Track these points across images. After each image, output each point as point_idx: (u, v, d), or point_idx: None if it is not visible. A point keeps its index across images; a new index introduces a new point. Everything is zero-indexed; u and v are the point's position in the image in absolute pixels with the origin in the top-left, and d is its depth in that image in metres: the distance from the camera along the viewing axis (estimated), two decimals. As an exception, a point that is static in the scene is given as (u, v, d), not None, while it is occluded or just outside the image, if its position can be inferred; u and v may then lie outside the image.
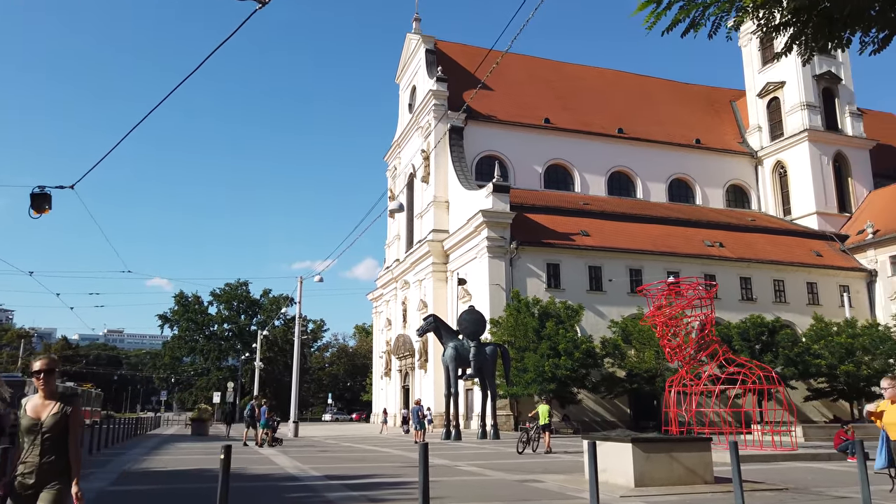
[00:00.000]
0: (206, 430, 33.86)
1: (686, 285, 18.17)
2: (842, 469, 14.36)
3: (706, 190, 53.38)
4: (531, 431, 20.73)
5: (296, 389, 33.87)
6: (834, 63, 54.01)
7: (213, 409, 73.82)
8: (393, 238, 58.07)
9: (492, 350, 28.62)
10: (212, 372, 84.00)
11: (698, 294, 18.04)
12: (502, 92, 52.50)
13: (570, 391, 34.07)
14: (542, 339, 33.30)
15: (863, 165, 52.96)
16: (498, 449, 21.34)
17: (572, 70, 57.83)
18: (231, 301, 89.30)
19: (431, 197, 47.26)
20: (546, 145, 50.35)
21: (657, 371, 34.64)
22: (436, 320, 28.74)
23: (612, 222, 43.67)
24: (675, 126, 55.42)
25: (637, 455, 10.36)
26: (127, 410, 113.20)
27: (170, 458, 17.21)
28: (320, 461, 15.92)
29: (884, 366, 37.20)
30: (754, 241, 45.89)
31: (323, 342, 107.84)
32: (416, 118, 51.44)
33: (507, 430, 36.38)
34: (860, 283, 45.78)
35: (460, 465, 14.65)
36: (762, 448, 17.20)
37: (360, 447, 22.78)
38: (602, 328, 37.98)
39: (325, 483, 11.25)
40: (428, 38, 51.97)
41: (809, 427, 23.88)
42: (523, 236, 39.58)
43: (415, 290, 49.02)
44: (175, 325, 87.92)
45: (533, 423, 21.06)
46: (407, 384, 50.07)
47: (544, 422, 21.04)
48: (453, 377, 28.05)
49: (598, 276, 40.36)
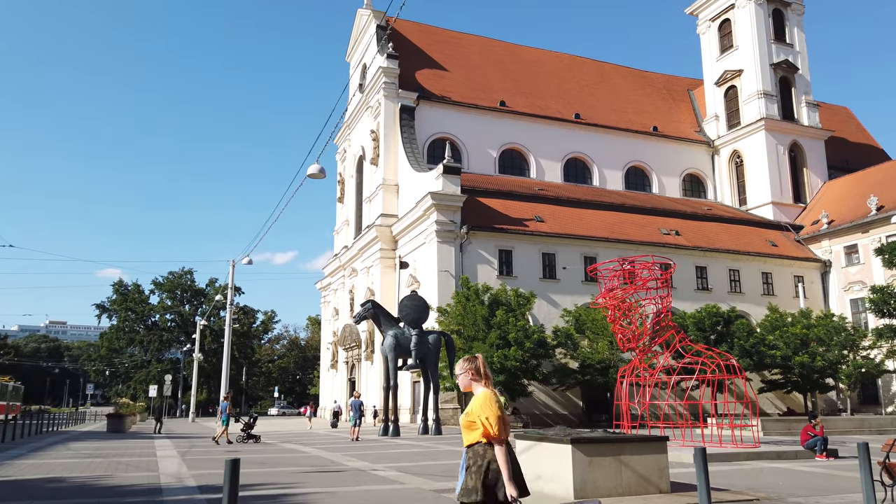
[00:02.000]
0: (125, 427, 30.93)
1: (641, 264, 16.35)
2: (815, 470, 12.72)
3: (663, 178, 52.35)
4: None
5: (226, 380, 31.23)
6: (791, 52, 53.51)
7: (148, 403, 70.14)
8: (342, 224, 55.53)
9: (435, 339, 26.49)
10: (152, 364, 79.89)
11: (654, 275, 16.26)
12: (457, 73, 50.40)
13: (521, 383, 32.28)
14: (492, 328, 31.42)
15: (818, 156, 52.65)
16: (434, 447, 19.27)
17: (528, 53, 56.05)
18: (174, 290, 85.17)
19: (380, 180, 44.90)
20: (501, 129, 48.47)
21: (611, 362, 33.14)
22: (374, 306, 26.46)
23: (568, 208, 42.10)
24: (632, 113, 54.22)
25: (578, 459, 8.38)
26: (68, 405, 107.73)
27: (36, 462, 14.58)
28: (213, 465, 13.56)
29: (838, 357, 36.54)
30: (710, 231, 44.97)
31: (273, 334, 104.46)
32: (365, 98, 48.92)
33: (454, 424, 34.44)
34: (814, 273, 45.29)
35: (378, 470, 12.50)
36: (721, 444, 15.55)
37: (279, 446, 20.43)
38: (555, 317, 36.34)
39: (187, 498, 8.94)
40: (379, 13, 49.44)
41: (767, 420, 22.51)
42: (475, 221, 37.60)
43: (363, 277, 46.67)
44: (113, 315, 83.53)
45: None
46: (353, 377, 47.73)
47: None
48: (392, 368, 25.85)
49: (552, 264, 38.70)
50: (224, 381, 31.36)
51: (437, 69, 49.72)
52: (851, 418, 30.83)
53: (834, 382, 38.41)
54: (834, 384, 38.75)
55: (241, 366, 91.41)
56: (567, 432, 8.90)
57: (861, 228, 43.15)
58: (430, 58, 50.27)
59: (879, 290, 32.47)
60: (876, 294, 32.33)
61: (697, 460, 5.33)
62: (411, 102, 45.69)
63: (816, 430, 14.51)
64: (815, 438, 14.29)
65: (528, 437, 9.28)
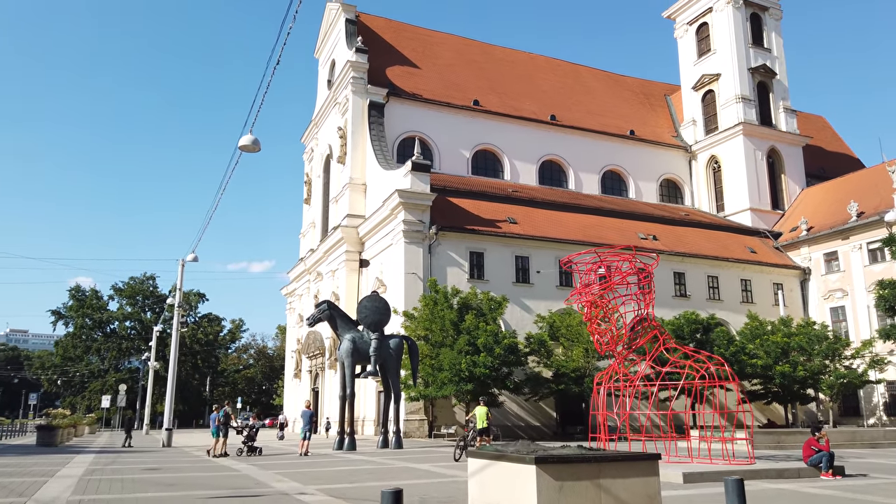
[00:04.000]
0: (56, 440, 28.18)
1: (622, 255, 14.50)
2: (827, 493, 10.85)
3: (640, 183, 51.01)
4: (468, 436, 18.60)
5: (171, 390, 28.67)
6: (769, 57, 52.76)
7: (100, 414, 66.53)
8: (308, 227, 53.18)
9: (397, 343, 24.31)
10: (109, 374, 76.21)
11: (634, 268, 14.40)
12: (429, 71, 48.61)
13: (491, 392, 30.25)
14: (461, 333, 29.40)
15: (796, 162, 51.80)
16: (387, 464, 17.10)
17: (503, 53, 54.53)
18: (135, 296, 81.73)
19: (347, 179, 42.77)
20: (475, 129, 46.72)
21: (586, 370, 31.32)
22: (330, 307, 24.22)
23: (542, 210, 40.41)
24: (609, 116, 52.93)
25: (545, 484, 6.38)
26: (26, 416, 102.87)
27: None
28: (112, 489, 11.28)
29: (820, 367, 35.21)
30: (688, 236, 43.62)
31: (241, 343, 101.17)
32: (333, 93, 46.84)
33: (420, 437, 32.28)
34: (794, 280, 44.12)
35: (306, 493, 10.36)
36: (711, 460, 13.66)
37: (209, 463, 18.10)
38: (528, 323, 34.46)
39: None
40: (349, 6, 47.49)
41: (757, 433, 20.77)
42: (445, 221, 35.65)
43: (328, 281, 44.37)
44: (70, 322, 79.81)
45: (471, 427, 19.25)
46: (317, 387, 45.25)
47: (482, 425, 19.08)
48: (349, 375, 23.61)
49: (526, 267, 36.86)
50: (169, 390, 28.78)
51: (408, 66, 47.89)
52: (843, 431, 29.31)
53: (814, 393, 37.06)
54: (814, 395, 37.41)
55: (206, 376, 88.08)
56: (531, 448, 6.88)
57: (841, 235, 42.12)
58: (402, 55, 48.44)
59: (890, 284, 30.91)
60: (886, 290, 30.79)
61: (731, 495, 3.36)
62: (381, 99, 43.74)
63: (821, 443, 12.69)
64: (821, 454, 12.46)
65: (482, 454, 7.26)
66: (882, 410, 39.61)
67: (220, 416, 21.60)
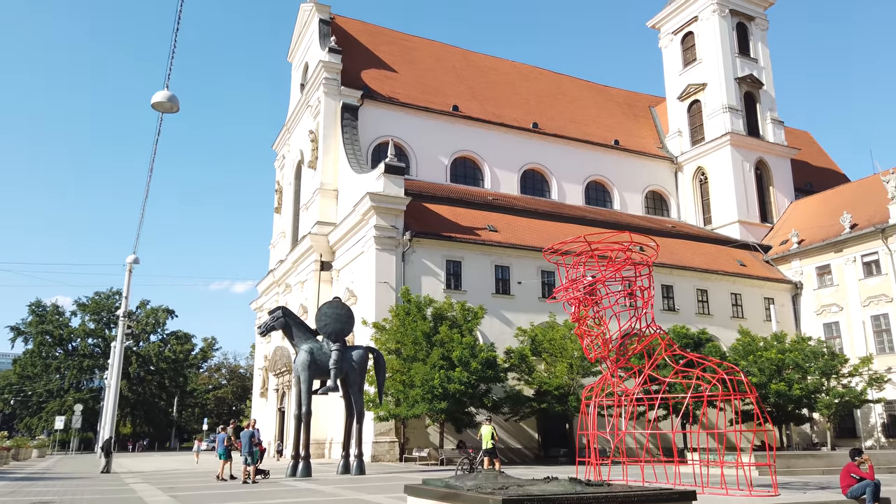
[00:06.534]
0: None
1: (616, 244, 12.24)
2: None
3: (624, 195, 49.16)
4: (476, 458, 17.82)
5: (112, 409, 25.81)
6: (756, 67, 51.55)
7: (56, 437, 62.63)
8: (278, 237, 50.51)
9: (360, 355, 21.70)
10: (69, 393, 72.18)
11: (630, 259, 12.15)
12: (407, 74, 46.59)
13: (467, 411, 27.73)
14: (435, 345, 26.94)
15: (784, 174, 50.36)
16: (339, 495, 14.51)
17: (483, 60, 52.77)
18: (99, 312, 77.96)
19: (318, 184, 40.34)
20: (454, 135, 44.65)
21: (570, 388, 28.95)
22: (285, 314, 21.63)
23: (524, 219, 38.30)
24: (592, 126, 51.24)
25: (520, 542, 3.94)
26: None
27: None
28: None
29: (817, 384, 33.18)
30: (676, 248, 41.64)
31: (213, 362, 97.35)
32: (305, 96, 44.56)
33: (391, 460, 29.56)
34: (785, 295, 42.28)
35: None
36: (726, 490, 11.31)
37: (128, 489, 15.39)
38: (508, 337, 32.07)
39: None
40: (322, 6, 45.47)
41: (758, 456, 18.48)
42: (420, 228, 33.32)
43: (297, 293, 41.75)
44: (29, 339, 75.82)
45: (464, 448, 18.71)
46: (283, 406, 42.28)
47: (488, 446, 18.12)
48: (305, 391, 20.96)
49: (506, 278, 34.56)
50: (110, 410, 25.90)
51: (385, 70, 45.86)
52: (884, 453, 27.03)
53: (809, 413, 34.98)
54: (809, 415, 35.32)
55: (173, 395, 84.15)
56: (498, 485, 4.45)
57: (834, 247, 40.45)
58: (378, 58, 46.42)
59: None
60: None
61: None
62: (355, 101, 41.55)
63: (863, 470, 10.39)
64: (863, 483, 10.16)
65: (425, 491, 4.83)
66: (880, 432, 37.62)
67: (220, 438, 21.07)
